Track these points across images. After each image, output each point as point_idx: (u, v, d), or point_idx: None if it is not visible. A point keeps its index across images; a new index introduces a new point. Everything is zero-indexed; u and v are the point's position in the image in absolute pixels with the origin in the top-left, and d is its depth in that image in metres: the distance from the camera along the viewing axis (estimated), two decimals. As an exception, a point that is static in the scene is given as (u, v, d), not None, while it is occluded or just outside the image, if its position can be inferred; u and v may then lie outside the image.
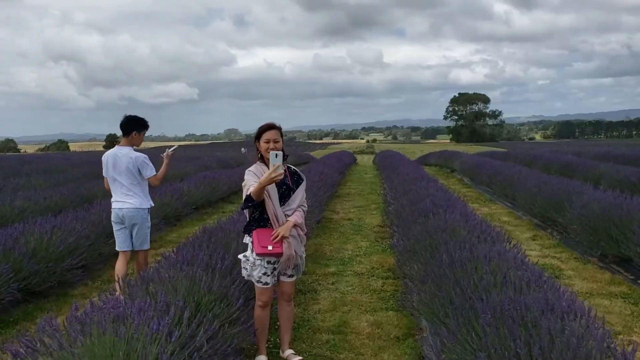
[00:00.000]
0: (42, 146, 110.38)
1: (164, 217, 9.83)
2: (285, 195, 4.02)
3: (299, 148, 57.38)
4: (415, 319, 5.00)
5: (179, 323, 3.36)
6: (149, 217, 5.71)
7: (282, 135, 4.08)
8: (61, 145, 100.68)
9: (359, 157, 34.66)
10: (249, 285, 4.46)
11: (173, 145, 6.31)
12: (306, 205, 4.20)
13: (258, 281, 4.02)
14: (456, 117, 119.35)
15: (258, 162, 4.11)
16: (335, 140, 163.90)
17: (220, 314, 3.95)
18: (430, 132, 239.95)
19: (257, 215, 4.00)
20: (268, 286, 4.04)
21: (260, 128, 4.09)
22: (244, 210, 4.09)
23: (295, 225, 3.99)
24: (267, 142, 3.97)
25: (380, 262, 7.20)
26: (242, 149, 35.61)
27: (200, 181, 12.68)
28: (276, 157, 3.70)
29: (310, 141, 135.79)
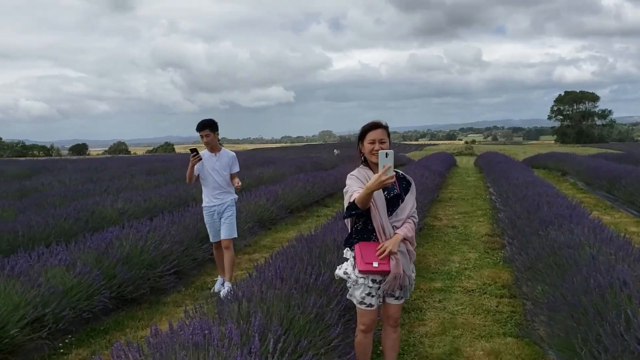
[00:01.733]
0: (150, 148, 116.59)
1: (259, 220, 9.56)
2: (393, 204, 3.44)
3: (394, 149, 56.44)
4: (541, 350, 4.26)
5: (270, 353, 2.90)
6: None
7: (389, 135, 3.50)
8: (167, 147, 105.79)
9: (458, 159, 33.30)
10: (347, 306, 3.95)
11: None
12: (417, 216, 3.60)
13: (361, 302, 3.46)
14: (561, 117, 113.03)
15: (361, 165, 3.56)
16: (432, 142, 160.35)
17: (316, 340, 3.46)
18: (533, 133, 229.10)
19: (361, 226, 3.46)
20: (372, 308, 3.48)
21: (364, 127, 3.53)
22: (346, 220, 3.56)
23: (404, 240, 3.41)
24: (372, 142, 3.42)
25: (493, 277, 6.44)
26: (335, 150, 35.49)
27: (295, 184, 12.37)
28: (386, 156, 3.13)
29: (406, 142, 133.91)
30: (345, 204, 3.41)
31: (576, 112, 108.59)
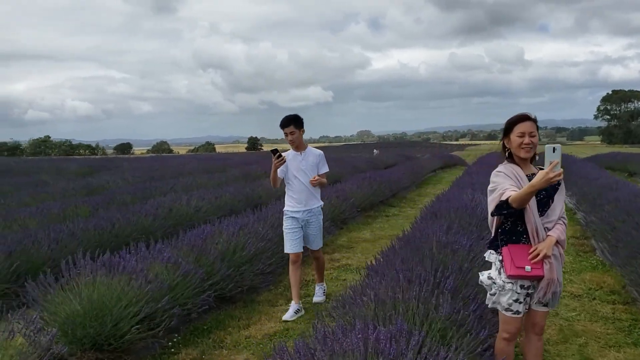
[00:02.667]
0: (192, 148, 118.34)
1: (332, 219, 9.42)
2: (543, 204, 3.22)
3: (436, 150, 55.64)
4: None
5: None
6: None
7: (538, 128, 3.29)
8: (209, 147, 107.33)
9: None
10: (482, 312, 3.74)
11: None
12: (566, 217, 3.38)
13: (507, 309, 3.26)
14: (609, 117, 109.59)
15: (506, 161, 3.35)
16: (473, 142, 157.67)
17: (461, 346, 3.27)
18: (577, 133, 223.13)
19: (509, 227, 3.25)
20: (519, 315, 3.27)
21: (510, 120, 3.32)
22: (490, 221, 3.36)
23: (557, 243, 3.19)
24: (522, 135, 3.21)
25: (597, 282, 6.12)
26: (375, 150, 35.40)
27: (360, 182, 12.19)
28: (554, 151, 2.91)
29: (446, 142, 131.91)
30: (492, 203, 3.21)
31: (624, 112, 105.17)
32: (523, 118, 3.26)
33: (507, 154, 3.35)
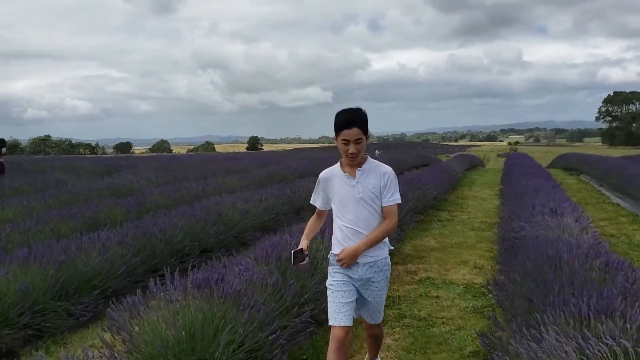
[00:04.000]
0: (191, 147, 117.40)
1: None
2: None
3: (436, 150, 54.82)
4: None
5: None
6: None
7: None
8: (208, 146, 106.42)
9: (499, 163, 31.67)
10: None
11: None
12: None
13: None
14: (610, 119, 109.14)
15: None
16: (472, 143, 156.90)
17: None
18: (577, 135, 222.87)
19: None
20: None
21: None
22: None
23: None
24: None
25: None
26: (377, 151, 34.90)
27: (407, 185, 11.40)
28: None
29: (445, 143, 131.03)
30: None
31: (626, 113, 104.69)
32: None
33: None
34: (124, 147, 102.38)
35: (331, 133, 3.19)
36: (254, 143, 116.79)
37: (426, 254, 7.84)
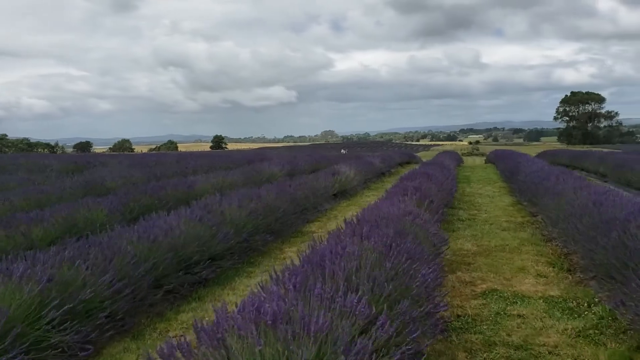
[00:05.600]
0: (153, 146, 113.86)
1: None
2: None
3: (400, 150, 54.33)
4: None
5: None
6: None
7: None
8: (171, 145, 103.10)
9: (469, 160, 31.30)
10: None
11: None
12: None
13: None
14: (567, 119, 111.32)
15: None
16: (434, 142, 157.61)
17: None
18: (534, 134, 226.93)
19: None
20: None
21: None
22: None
23: None
24: None
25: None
26: (342, 150, 35.10)
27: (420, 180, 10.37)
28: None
29: (408, 142, 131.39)
30: None
31: (582, 113, 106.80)
32: None
33: None
34: (84, 146, 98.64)
35: (296, 132, 2.31)
36: (218, 142, 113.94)
37: (470, 259, 6.79)
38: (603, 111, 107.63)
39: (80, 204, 8.05)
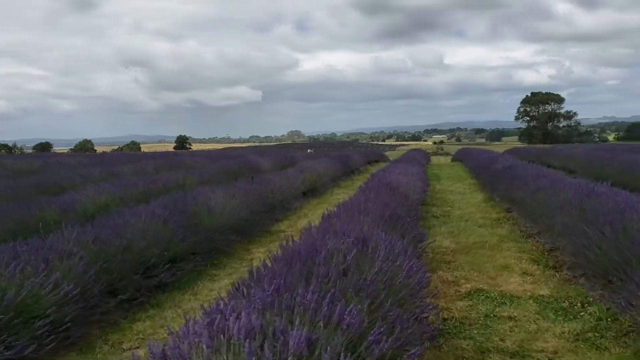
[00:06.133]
0: (116, 147, 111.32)
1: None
2: None
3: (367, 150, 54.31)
4: None
5: None
6: None
7: None
8: (133, 146, 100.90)
9: (435, 159, 31.25)
10: None
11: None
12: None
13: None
14: (528, 119, 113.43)
15: None
16: (399, 142, 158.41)
17: None
18: (496, 134, 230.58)
19: None
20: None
21: None
22: None
23: None
24: None
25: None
26: (309, 149, 35.97)
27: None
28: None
29: (373, 142, 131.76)
30: None
31: (542, 113, 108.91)
32: None
33: None
34: (44, 147, 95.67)
35: (262, 132, 2.04)
36: (182, 142, 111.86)
37: (450, 257, 6.41)
38: (562, 111, 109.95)
39: (33, 203, 7.39)
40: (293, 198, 11.28)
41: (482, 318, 4.38)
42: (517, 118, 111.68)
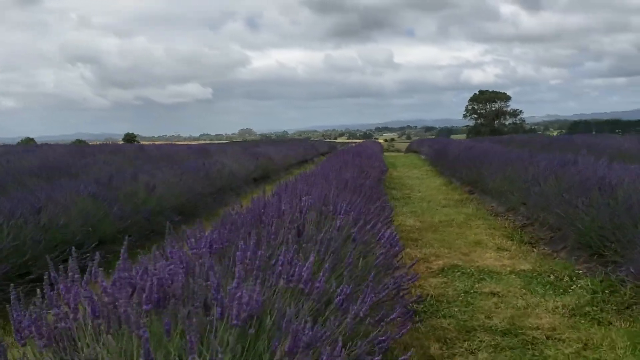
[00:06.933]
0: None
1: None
2: None
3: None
4: None
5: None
6: None
7: None
8: (80, 144, 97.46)
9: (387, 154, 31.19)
10: None
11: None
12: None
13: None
14: (476, 116, 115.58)
15: None
16: (351, 140, 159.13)
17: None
18: (445, 132, 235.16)
19: None
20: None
21: None
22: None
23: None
24: None
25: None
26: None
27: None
28: None
29: (326, 140, 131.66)
30: None
31: (490, 111, 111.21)
32: None
33: None
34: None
35: (213, 130, 1.84)
36: (130, 140, 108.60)
37: (417, 235, 5.85)
38: (508, 109, 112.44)
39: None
40: (244, 183, 10.54)
41: (461, 295, 3.81)
42: (465, 116, 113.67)
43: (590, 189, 4.33)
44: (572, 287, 3.83)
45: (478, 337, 3.08)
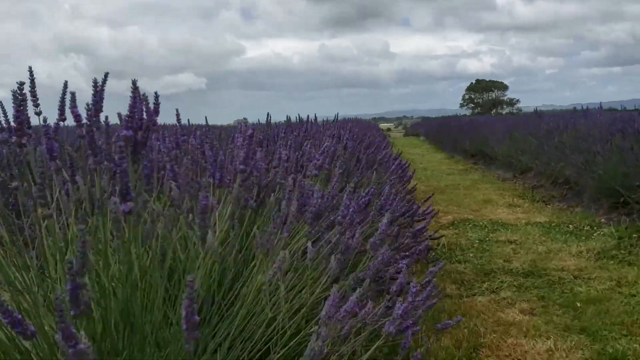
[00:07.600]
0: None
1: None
2: None
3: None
4: None
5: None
6: None
7: None
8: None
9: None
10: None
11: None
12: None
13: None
14: (473, 105, 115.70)
15: None
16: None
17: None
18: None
19: None
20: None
21: None
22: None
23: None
24: None
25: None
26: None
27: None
28: None
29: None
30: None
31: (487, 100, 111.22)
32: None
33: None
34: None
35: (208, 120, 2.71)
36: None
37: (423, 196, 5.58)
38: (506, 98, 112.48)
39: None
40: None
41: (475, 243, 3.56)
42: (462, 105, 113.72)
43: (613, 133, 4.08)
44: (594, 235, 3.59)
45: (498, 279, 2.83)
